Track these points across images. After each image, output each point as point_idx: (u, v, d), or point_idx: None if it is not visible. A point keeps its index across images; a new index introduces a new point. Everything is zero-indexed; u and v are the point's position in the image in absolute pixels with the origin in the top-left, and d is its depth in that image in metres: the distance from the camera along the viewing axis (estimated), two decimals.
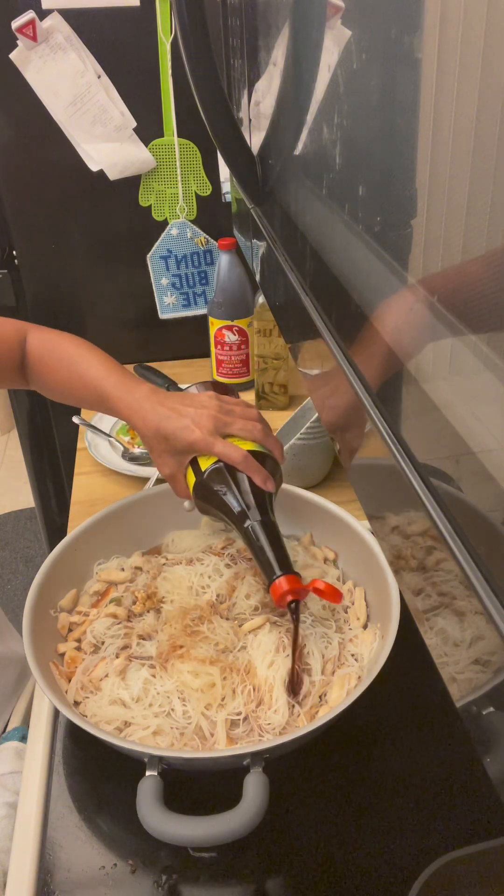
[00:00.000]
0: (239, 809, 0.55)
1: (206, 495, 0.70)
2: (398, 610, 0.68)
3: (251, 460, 0.68)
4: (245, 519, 0.67)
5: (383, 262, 0.33)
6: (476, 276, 0.25)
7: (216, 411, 0.70)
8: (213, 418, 0.70)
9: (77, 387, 0.77)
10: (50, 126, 1.16)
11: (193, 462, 0.71)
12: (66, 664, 0.73)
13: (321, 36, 0.39)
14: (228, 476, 0.69)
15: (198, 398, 0.72)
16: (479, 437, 0.25)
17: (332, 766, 0.69)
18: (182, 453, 0.71)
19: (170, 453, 0.71)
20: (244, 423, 0.72)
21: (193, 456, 0.71)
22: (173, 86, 1.16)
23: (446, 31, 0.25)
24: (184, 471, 0.72)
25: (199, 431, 0.69)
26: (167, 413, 0.70)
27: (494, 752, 0.26)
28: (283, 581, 0.63)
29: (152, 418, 0.70)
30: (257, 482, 0.69)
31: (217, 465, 0.69)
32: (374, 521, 0.37)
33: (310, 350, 0.47)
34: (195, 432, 0.69)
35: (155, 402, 0.71)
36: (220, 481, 0.69)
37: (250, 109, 0.65)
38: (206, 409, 0.70)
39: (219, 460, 0.69)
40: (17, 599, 2.11)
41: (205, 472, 0.70)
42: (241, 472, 0.69)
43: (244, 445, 0.70)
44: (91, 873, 0.61)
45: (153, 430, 0.70)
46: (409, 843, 0.63)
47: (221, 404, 0.72)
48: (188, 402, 0.71)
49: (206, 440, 0.69)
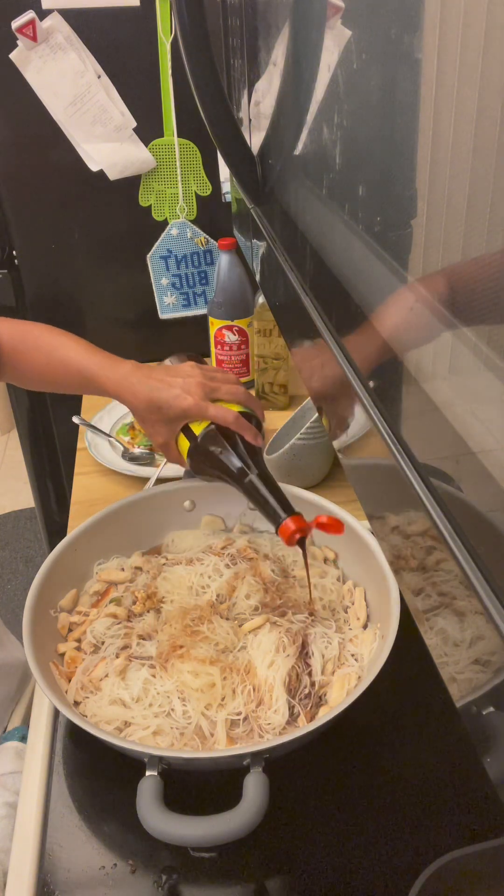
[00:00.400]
0: (239, 809, 0.55)
1: (203, 457, 0.75)
2: (398, 610, 0.68)
3: (242, 420, 0.74)
4: (244, 474, 0.72)
5: (383, 262, 0.33)
6: (476, 275, 0.25)
7: (202, 378, 0.75)
8: (201, 385, 0.74)
9: (58, 372, 0.78)
10: (50, 126, 1.16)
11: (185, 428, 0.76)
12: (66, 664, 0.73)
13: (321, 36, 0.39)
14: (222, 437, 0.74)
15: (181, 369, 0.77)
16: (479, 437, 0.25)
17: (332, 766, 0.69)
18: (174, 421, 0.75)
19: (163, 422, 0.75)
20: (229, 386, 0.76)
21: (185, 423, 0.75)
22: (173, 86, 1.16)
23: (446, 31, 0.25)
24: (176, 438, 0.77)
25: (192, 398, 0.73)
26: (157, 385, 0.74)
27: (494, 752, 0.26)
28: (290, 522, 0.68)
29: (142, 391, 0.74)
30: (249, 439, 0.74)
31: (210, 428, 0.74)
32: (374, 521, 0.37)
33: (310, 350, 0.47)
34: (187, 399, 0.73)
35: (142, 376, 0.75)
36: (216, 443, 0.74)
37: (250, 109, 0.65)
38: (193, 378, 0.75)
39: (211, 424, 0.74)
40: (17, 599, 2.11)
41: (199, 436, 0.74)
42: (233, 432, 0.74)
43: (231, 408, 0.75)
44: (91, 873, 0.61)
45: (145, 401, 0.74)
46: (409, 843, 0.63)
47: (204, 371, 0.77)
48: (173, 373, 0.76)
49: (199, 406, 0.73)
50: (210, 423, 0.74)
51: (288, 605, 0.76)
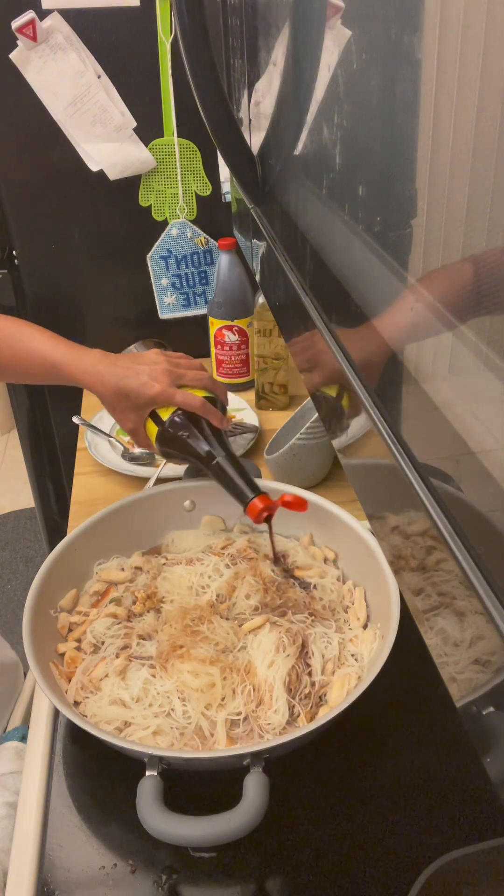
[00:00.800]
0: (239, 809, 0.55)
1: (171, 441, 0.78)
2: (398, 610, 0.68)
3: (208, 405, 0.77)
4: (212, 457, 0.76)
5: (383, 262, 0.33)
6: (476, 275, 0.25)
7: (168, 365, 0.78)
8: (167, 372, 0.77)
9: (24, 363, 0.79)
10: (50, 126, 1.16)
11: (153, 414, 0.78)
12: (66, 664, 0.73)
13: (321, 36, 0.39)
14: (189, 422, 0.77)
15: (147, 356, 0.79)
16: (479, 437, 0.25)
17: (332, 766, 0.69)
18: (143, 407, 0.77)
19: (131, 409, 0.77)
20: (194, 373, 0.79)
21: (153, 409, 0.78)
22: (173, 86, 1.16)
23: (446, 31, 0.25)
24: (144, 424, 0.79)
25: (159, 385, 0.76)
26: (124, 373, 0.76)
27: (494, 752, 0.26)
28: (257, 501, 0.73)
29: (110, 379, 0.76)
30: (215, 423, 0.77)
31: (177, 414, 0.77)
32: (374, 521, 0.37)
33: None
34: (155, 387, 0.76)
35: (109, 364, 0.77)
36: (183, 427, 0.77)
37: (250, 109, 0.65)
38: (159, 365, 0.77)
39: (178, 409, 0.77)
40: (17, 599, 2.11)
41: (166, 421, 0.77)
42: (199, 417, 0.77)
43: (196, 393, 0.78)
44: (91, 873, 0.61)
45: (113, 389, 0.76)
46: (409, 843, 0.63)
47: (169, 359, 0.79)
48: (140, 361, 0.78)
49: (166, 392, 0.76)
50: (177, 409, 0.77)
51: (288, 605, 0.76)
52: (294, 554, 0.84)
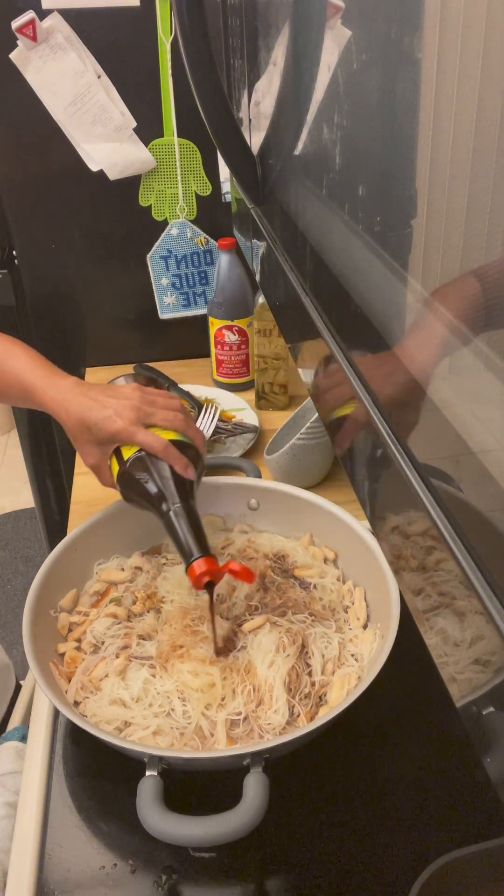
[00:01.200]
0: (239, 809, 0.55)
1: (129, 483, 0.73)
2: (398, 610, 0.68)
3: (171, 449, 0.71)
4: (165, 505, 0.70)
5: (383, 262, 0.33)
6: (477, 275, 0.25)
7: (138, 402, 0.73)
8: (135, 409, 0.72)
9: (3, 384, 0.77)
10: (50, 126, 1.16)
11: (117, 452, 0.74)
12: (66, 664, 0.73)
13: (321, 36, 0.39)
14: (150, 464, 0.72)
15: (121, 389, 0.75)
16: (479, 437, 0.25)
17: (332, 766, 0.69)
18: (105, 443, 0.73)
19: (93, 443, 0.73)
20: (166, 413, 0.74)
21: (116, 446, 0.74)
22: (173, 86, 1.16)
23: (446, 31, 0.25)
24: (108, 461, 0.75)
25: (122, 421, 0.71)
26: (90, 404, 0.72)
27: (494, 752, 0.26)
28: (201, 563, 0.66)
29: (75, 409, 0.72)
30: (177, 470, 0.71)
31: (139, 454, 0.72)
32: (374, 521, 0.37)
33: (310, 350, 0.47)
34: (117, 422, 0.71)
35: (78, 394, 0.73)
36: (142, 469, 0.72)
37: (250, 109, 0.65)
38: (129, 401, 0.73)
39: (141, 449, 0.72)
40: (17, 599, 2.11)
41: (127, 461, 0.72)
42: (163, 461, 0.71)
43: (166, 435, 0.73)
44: (91, 873, 0.61)
45: (76, 420, 0.72)
46: (409, 843, 0.63)
47: (144, 395, 0.74)
48: (111, 394, 0.74)
49: (127, 430, 0.71)
50: (140, 449, 0.72)
51: (288, 605, 0.76)
52: (294, 554, 0.84)
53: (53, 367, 0.77)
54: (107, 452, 0.74)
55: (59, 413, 0.73)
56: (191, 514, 0.69)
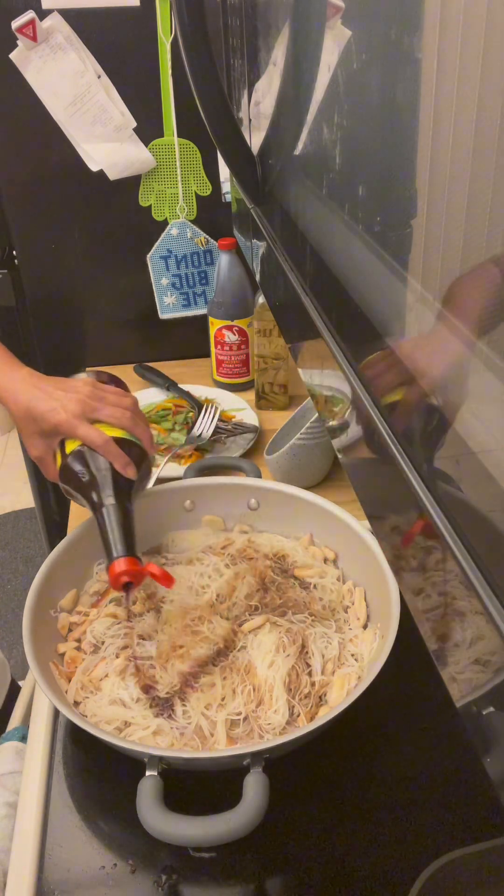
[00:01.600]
0: (239, 809, 0.55)
1: (68, 476, 0.73)
2: (398, 610, 0.68)
3: (112, 445, 0.71)
4: (99, 500, 0.70)
5: (383, 262, 0.33)
6: (476, 275, 0.25)
7: (86, 396, 0.73)
8: (81, 402, 0.72)
9: None
10: (50, 126, 1.16)
11: (62, 445, 0.74)
12: (66, 664, 0.73)
13: (321, 36, 0.39)
14: (89, 459, 0.72)
15: (72, 383, 0.75)
16: (479, 437, 0.25)
17: (332, 766, 0.69)
18: (49, 435, 0.73)
19: (38, 434, 0.73)
20: (113, 409, 0.74)
21: (62, 439, 0.74)
22: (173, 86, 1.16)
23: (446, 31, 0.25)
24: (53, 454, 0.75)
25: (65, 414, 0.71)
26: (39, 395, 0.72)
27: (494, 752, 0.26)
28: (121, 562, 0.66)
29: (23, 399, 0.72)
30: (117, 467, 0.71)
31: (80, 449, 0.72)
32: (374, 521, 0.37)
33: (310, 350, 0.47)
34: (61, 414, 0.71)
35: (29, 384, 0.73)
36: (82, 463, 0.72)
37: (250, 109, 0.65)
38: (77, 394, 0.73)
39: (83, 444, 0.72)
40: (17, 599, 2.11)
41: (69, 453, 0.73)
42: (103, 457, 0.71)
43: (112, 432, 0.73)
44: (91, 873, 0.61)
45: (23, 410, 0.72)
46: (409, 843, 0.63)
47: (94, 390, 0.74)
48: (61, 387, 0.74)
49: (70, 422, 0.71)
50: (82, 443, 0.72)
51: (288, 605, 0.76)
52: (294, 554, 0.84)
53: (11, 357, 0.77)
54: (51, 444, 0.74)
55: (8, 402, 0.73)
56: (123, 512, 0.69)
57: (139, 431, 0.75)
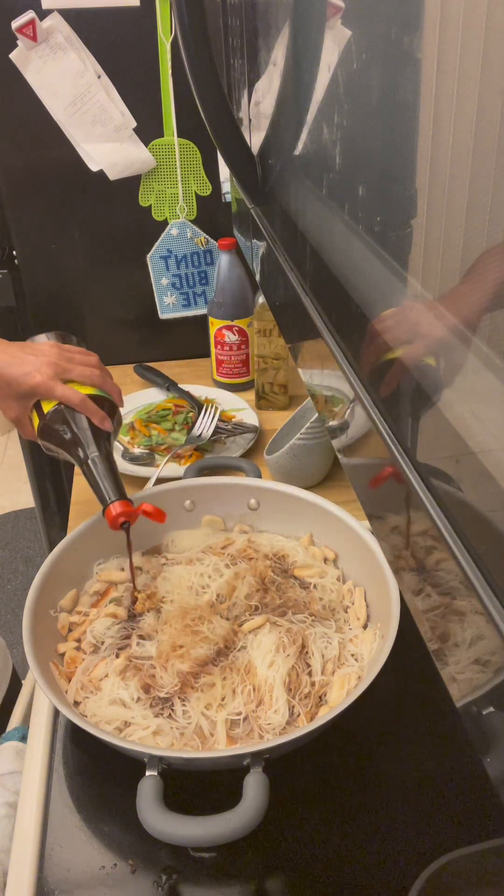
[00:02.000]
0: (239, 809, 0.55)
1: (50, 435, 0.77)
2: (398, 610, 0.68)
3: (89, 402, 0.76)
4: (84, 454, 0.74)
5: (383, 262, 0.33)
6: (476, 275, 0.25)
7: (56, 358, 0.77)
8: (53, 364, 0.76)
9: None
10: (50, 126, 1.16)
11: (37, 406, 0.78)
12: (66, 664, 0.73)
13: (321, 36, 0.39)
14: (68, 417, 0.76)
15: (38, 346, 0.79)
16: (479, 437, 0.25)
17: (332, 766, 0.69)
18: (25, 397, 0.77)
19: (13, 398, 0.77)
20: (83, 369, 0.78)
21: (37, 400, 0.77)
22: (173, 86, 1.16)
23: (446, 31, 0.25)
24: (29, 414, 0.79)
25: (40, 376, 0.75)
26: (9, 360, 0.75)
27: (494, 752, 0.26)
28: (117, 505, 0.71)
29: None
30: (95, 422, 0.76)
31: (58, 408, 0.76)
32: (374, 521, 0.37)
33: (310, 350, 0.47)
34: (36, 377, 0.75)
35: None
36: (62, 421, 0.76)
37: (250, 109, 0.65)
38: (47, 357, 0.76)
39: (60, 403, 0.76)
40: (17, 599, 2.11)
41: (47, 413, 0.77)
42: (81, 414, 0.76)
43: (83, 390, 0.77)
44: (91, 873, 0.61)
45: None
46: (409, 843, 0.63)
47: (61, 352, 0.78)
48: (29, 350, 0.77)
49: (46, 384, 0.75)
50: (59, 403, 0.76)
51: (288, 605, 0.76)
52: (294, 554, 0.84)
53: None
54: (27, 406, 0.78)
55: None
56: (108, 462, 0.74)
57: (108, 387, 0.80)
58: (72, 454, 0.75)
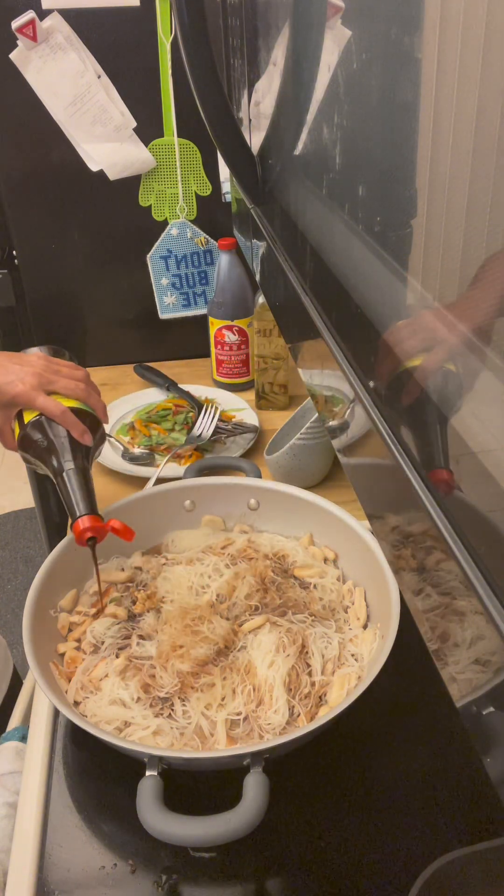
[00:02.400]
0: (239, 809, 0.55)
1: (28, 445, 0.77)
2: (398, 610, 0.68)
3: (69, 415, 0.76)
4: (60, 466, 0.75)
5: (383, 262, 0.33)
6: (478, 279, 0.25)
7: (41, 369, 0.77)
8: (37, 375, 0.76)
9: None
10: (50, 126, 1.16)
11: (19, 416, 0.78)
12: (66, 664, 0.73)
13: (321, 36, 0.39)
14: (48, 428, 0.76)
15: (26, 357, 0.79)
16: (479, 437, 0.25)
17: (332, 766, 0.69)
18: (6, 406, 0.77)
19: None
20: (67, 381, 0.79)
21: (19, 410, 0.78)
22: (173, 86, 1.16)
23: (446, 31, 0.25)
24: (11, 424, 0.79)
25: (23, 386, 0.75)
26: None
27: (494, 752, 0.26)
28: (85, 520, 0.71)
29: None
30: (74, 435, 0.76)
31: (38, 418, 0.77)
32: (374, 521, 0.37)
33: (310, 350, 0.47)
34: (18, 386, 0.75)
35: None
36: (40, 432, 0.76)
37: (250, 109, 0.65)
38: (32, 367, 0.77)
39: (41, 414, 0.77)
40: (17, 599, 2.11)
41: (27, 423, 0.77)
42: (60, 426, 0.76)
43: (67, 402, 0.77)
44: (91, 873, 0.61)
45: None
46: (409, 843, 0.63)
47: (48, 364, 0.79)
48: (16, 360, 0.78)
49: (28, 394, 0.75)
50: (39, 414, 0.77)
51: (288, 605, 0.76)
52: (294, 554, 0.84)
53: None
54: (9, 415, 0.78)
55: None
56: (83, 476, 0.74)
57: (92, 401, 0.80)
58: (47, 465, 0.75)
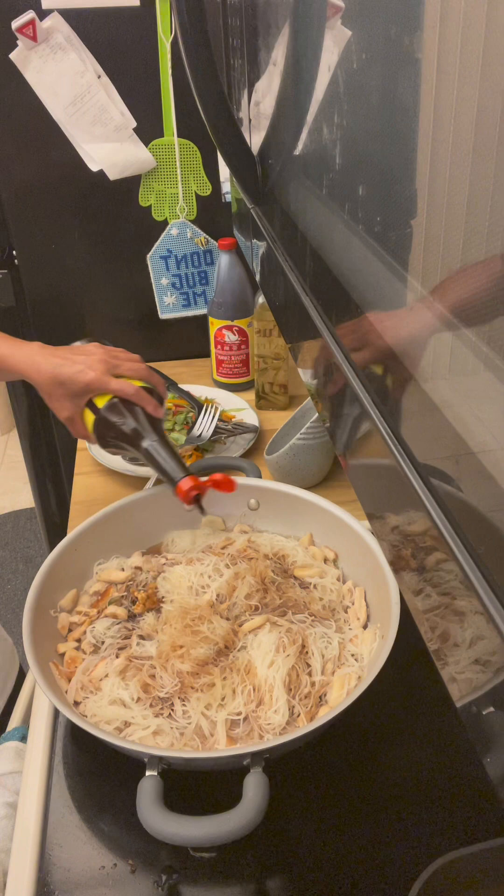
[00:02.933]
0: (239, 809, 0.55)
1: (107, 428, 0.79)
2: (398, 610, 0.68)
3: (143, 393, 0.80)
4: (145, 441, 0.78)
5: (383, 262, 0.33)
6: (476, 275, 0.25)
7: (105, 356, 0.81)
8: (103, 362, 0.79)
9: None
10: (50, 126, 1.16)
11: (90, 404, 0.80)
12: (66, 664, 0.73)
13: (321, 36, 0.39)
14: (124, 409, 0.79)
15: (85, 348, 0.82)
16: (479, 437, 0.25)
17: (332, 767, 0.69)
18: (79, 396, 0.79)
19: (67, 397, 0.79)
20: (130, 364, 0.82)
21: (89, 397, 0.80)
22: (173, 86, 1.16)
23: (446, 31, 0.25)
24: (81, 412, 0.81)
25: (94, 373, 0.78)
26: (61, 362, 0.78)
27: (494, 752, 0.26)
28: (187, 481, 0.75)
29: (47, 367, 0.78)
30: (149, 410, 0.80)
31: (113, 401, 0.79)
32: (374, 521, 0.37)
33: (310, 350, 0.47)
34: (89, 374, 0.78)
35: (47, 354, 0.79)
36: (118, 413, 0.79)
37: (250, 109, 0.65)
38: (96, 355, 0.80)
39: (114, 397, 0.79)
40: (17, 599, 2.11)
41: (102, 408, 0.79)
42: (134, 405, 0.79)
43: (132, 383, 0.81)
44: (91, 873, 0.61)
45: (49, 377, 0.78)
46: (409, 843, 0.63)
47: (108, 350, 0.82)
48: (78, 352, 0.80)
49: (101, 380, 0.78)
50: (113, 397, 0.79)
51: (288, 605, 0.76)
52: (294, 554, 0.84)
53: (13, 338, 0.82)
54: (80, 405, 0.80)
55: (31, 373, 0.79)
56: (167, 445, 0.78)
57: (154, 379, 0.84)
58: (132, 444, 0.78)
